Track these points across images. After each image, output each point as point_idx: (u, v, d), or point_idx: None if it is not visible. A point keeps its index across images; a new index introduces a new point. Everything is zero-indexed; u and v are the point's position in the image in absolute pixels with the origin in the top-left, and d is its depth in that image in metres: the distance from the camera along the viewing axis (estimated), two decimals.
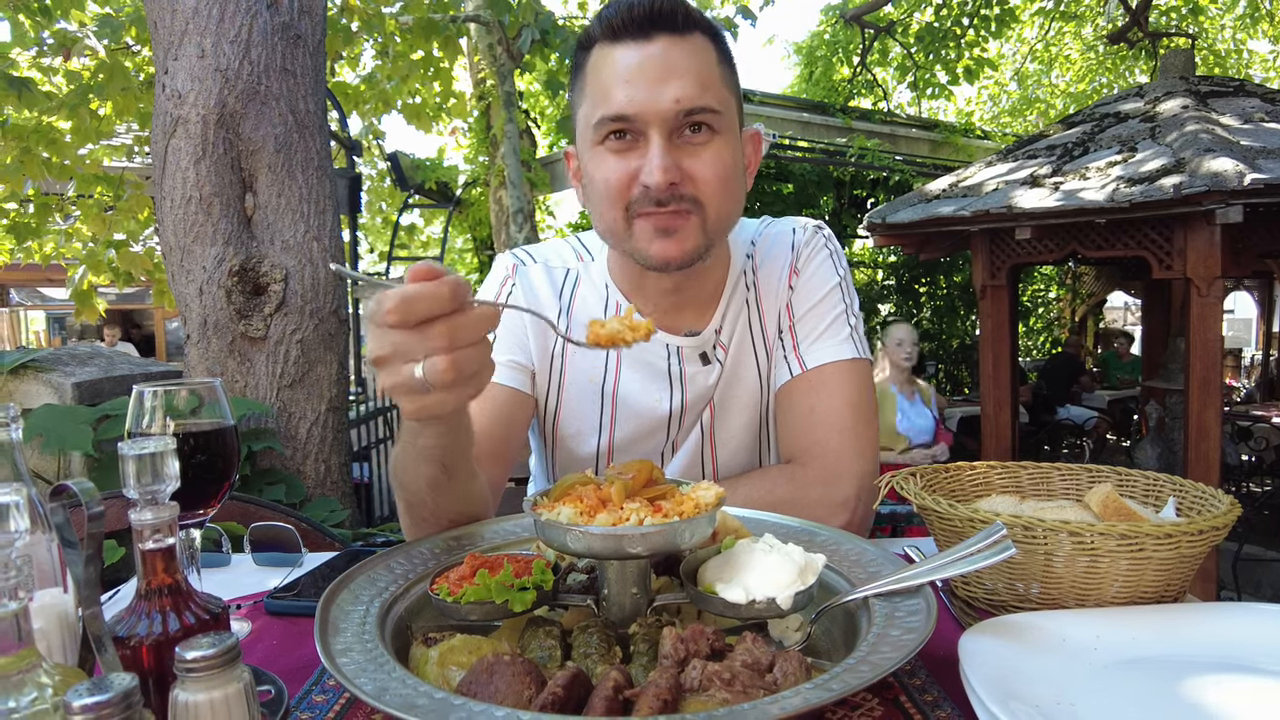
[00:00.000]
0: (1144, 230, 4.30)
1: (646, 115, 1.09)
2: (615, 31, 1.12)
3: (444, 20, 6.73)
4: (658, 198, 1.11)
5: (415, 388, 0.77)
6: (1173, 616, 0.85)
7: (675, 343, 1.30)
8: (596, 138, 1.14)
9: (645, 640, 0.77)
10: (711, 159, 1.13)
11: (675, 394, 1.31)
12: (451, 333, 0.75)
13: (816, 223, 1.39)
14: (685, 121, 1.11)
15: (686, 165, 1.12)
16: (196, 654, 0.54)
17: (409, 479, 1.01)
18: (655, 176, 1.09)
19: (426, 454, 0.94)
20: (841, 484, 1.22)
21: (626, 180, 1.12)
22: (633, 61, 1.10)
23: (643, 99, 1.09)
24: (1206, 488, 0.99)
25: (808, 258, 1.34)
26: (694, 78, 1.10)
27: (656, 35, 1.11)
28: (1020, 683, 0.71)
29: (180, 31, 2.74)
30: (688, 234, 1.14)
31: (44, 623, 0.68)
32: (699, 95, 1.10)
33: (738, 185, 1.19)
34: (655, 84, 1.09)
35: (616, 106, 1.10)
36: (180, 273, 2.84)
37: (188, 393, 0.95)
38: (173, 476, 0.67)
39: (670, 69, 1.10)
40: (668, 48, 1.11)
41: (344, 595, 0.84)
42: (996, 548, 0.81)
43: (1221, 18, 13.97)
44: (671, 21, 1.11)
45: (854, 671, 0.65)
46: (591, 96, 1.15)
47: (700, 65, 1.12)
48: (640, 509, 0.79)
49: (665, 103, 1.09)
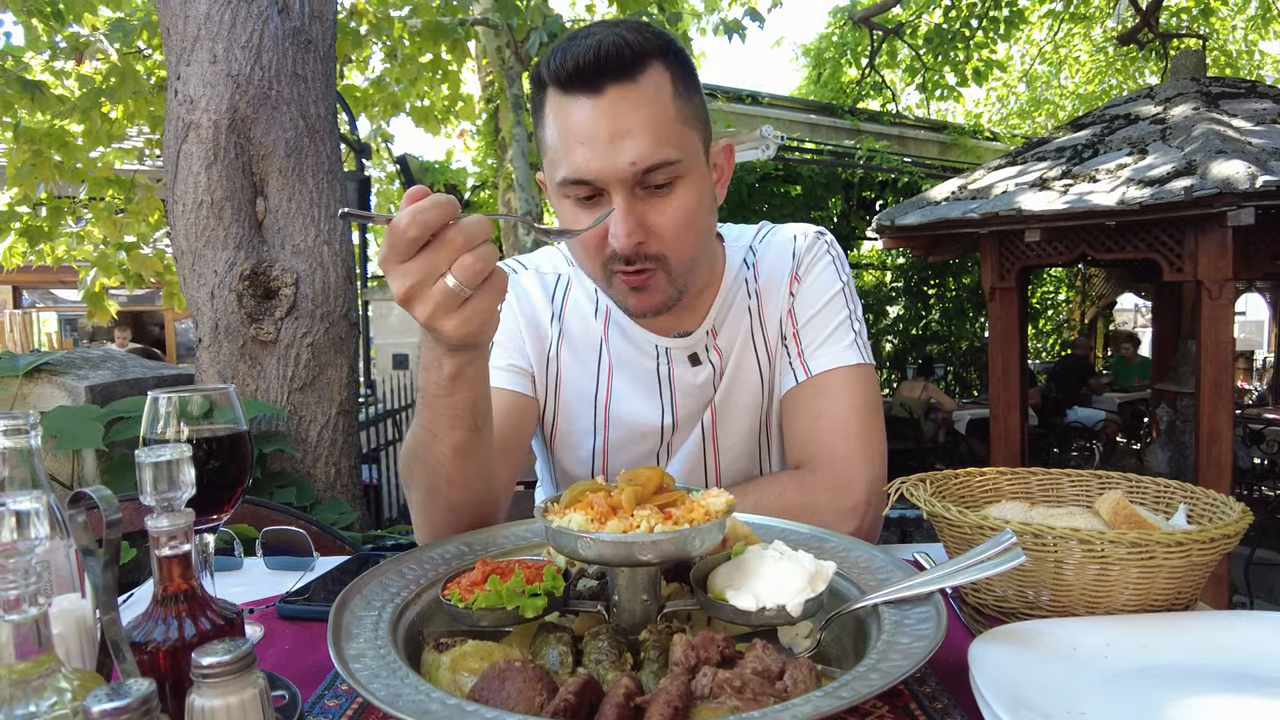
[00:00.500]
0: (1154, 233, 4.29)
1: (605, 178, 1.08)
2: (563, 82, 1.09)
3: (452, 23, 6.76)
4: (625, 256, 1.12)
5: (452, 300, 0.83)
6: (1184, 625, 0.85)
7: (665, 344, 1.32)
8: (561, 192, 1.14)
9: (656, 647, 0.77)
10: (675, 210, 1.12)
11: (666, 399, 1.33)
12: (465, 231, 0.82)
13: (818, 229, 1.39)
14: (645, 179, 1.09)
15: (651, 220, 1.12)
16: (212, 660, 0.55)
17: (434, 454, 1.04)
18: (620, 240, 1.10)
19: (459, 410, 0.98)
20: (851, 490, 1.22)
21: (599, 240, 1.13)
22: (585, 120, 1.07)
23: (599, 164, 1.07)
24: (1218, 495, 0.99)
25: (809, 264, 1.34)
26: (649, 132, 1.07)
27: (606, 86, 1.07)
28: (1030, 690, 0.71)
29: (192, 37, 2.77)
30: (655, 289, 1.17)
31: (62, 628, 0.69)
32: (655, 151, 1.07)
33: (705, 219, 1.19)
34: (610, 144, 1.06)
35: (576, 171, 1.09)
36: (192, 277, 2.86)
37: (202, 398, 0.96)
38: (188, 484, 0.68)
39: (624, 125, 1.06)
40: (619, 100, 1.07)
41: (356, 600, 0.85)
42: (1006, 555, 0.81)
43: (1232, 18, 13.89)
44: (619, 67, 1.06)
45: (864, 679, 0.65)
46: (552, 145, 1.13)
47: (654, 114, 1.08)
48: (651, 516, 0.79)
49: (622, 165, 1.07)
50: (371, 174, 9.77)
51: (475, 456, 1.05)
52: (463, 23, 6.95)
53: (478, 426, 1.02)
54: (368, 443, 5.13)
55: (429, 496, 1.12)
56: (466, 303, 0.84)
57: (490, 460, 1.10)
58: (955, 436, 8.55)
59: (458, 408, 0.99)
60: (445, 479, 1.07)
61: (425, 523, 1.16)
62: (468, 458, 1.05)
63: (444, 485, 1.08)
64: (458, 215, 0.83)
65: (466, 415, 1.00)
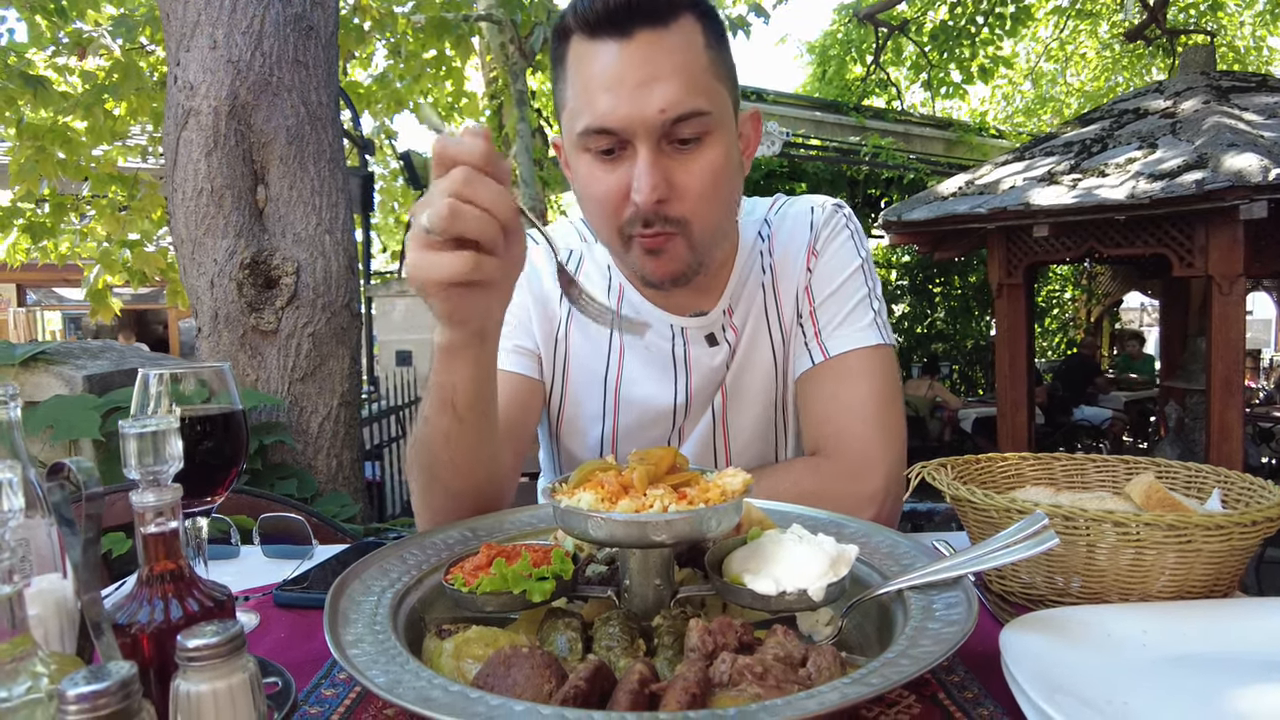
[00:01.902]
0: (1164, 227, 4.24)
1: (632, 126, 1.02)
2: (591, 26, 1.03)
3: (456, 19, 6.73)
4: (645, 217, 1.06)
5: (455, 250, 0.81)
6: (1224, 612, 0.80)
7: (680, 323, 1.26)
8: (581, 144, 1.07)
9: (670, 633, 0.73)
10: (701, 169, 1.06)
11: (680, 381, 1.27)
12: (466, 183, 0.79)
13: (836, 201, 1.33)
14: (673, 130, 1.03)
15: (676, 178, 1.05)
16: (199, 642, 0.51)
17: (427, 436, 1.01)
18: (644, 194, 1.03)
19: (444, 393, 0.95)
20: (870, 477, 1.17)
21: (618, 199, 1.07)
22: (612, 64, 1.02)
23: (626, 110, 1.01)
24: (1254, 478, 0.95)
25: (828, 238, 1.28)
26: (680, 79, 1.01)
27: (636, 30, 1.01)
28: (1067, 678, 0.67)
29: (192, 23, 2.73)
30: (674, 255, 1.10)
31: (41, 609, 0.66)
32: (686, 98, 1.02)
33: (731, 184, 1.13)
34: (638, 90, 1.00)
35: (599, 118, 1.03)
36: (192, 265, 2.83)
37: (194, 377, 0.93)
38: (175, 457, 0.64)
39: (654, 71, 1.00)
40: (650, 45, 1.01)
41: (355, 586, 0.81)
42: (1037, 539, 0.77)
43: (1241, 14, 13.81)
44: (652, 10, 1.01)
45: (894, 666, 0.61)
46: (573, 97, 1.07)
47: (687, 61, 1.03)
48: (664, 495, 0.75)
49: (650, 112, 1.01)
50: (375, 171, 9.75)
51: (464, 444, 1.01)
52: (466, 19, 6.92)
53: (461, 416, 0.97)
54: (370, 439, 5.09)
55: (428, 482, 1.08)
56: (480, 264, 0.81)
57: (488, 451, 1.05)
58: (961, 435, 8.51)
59: (444, 390, 0.96)
60: (440, 464, 1.04)
61: (425, 509, 1.12)
62: (456, 444, 1.00)
63: (440, 471, 1.05)
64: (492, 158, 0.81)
65: (450, 401, 0.96)
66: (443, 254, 0.82)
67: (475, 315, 0.89)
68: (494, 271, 0.84)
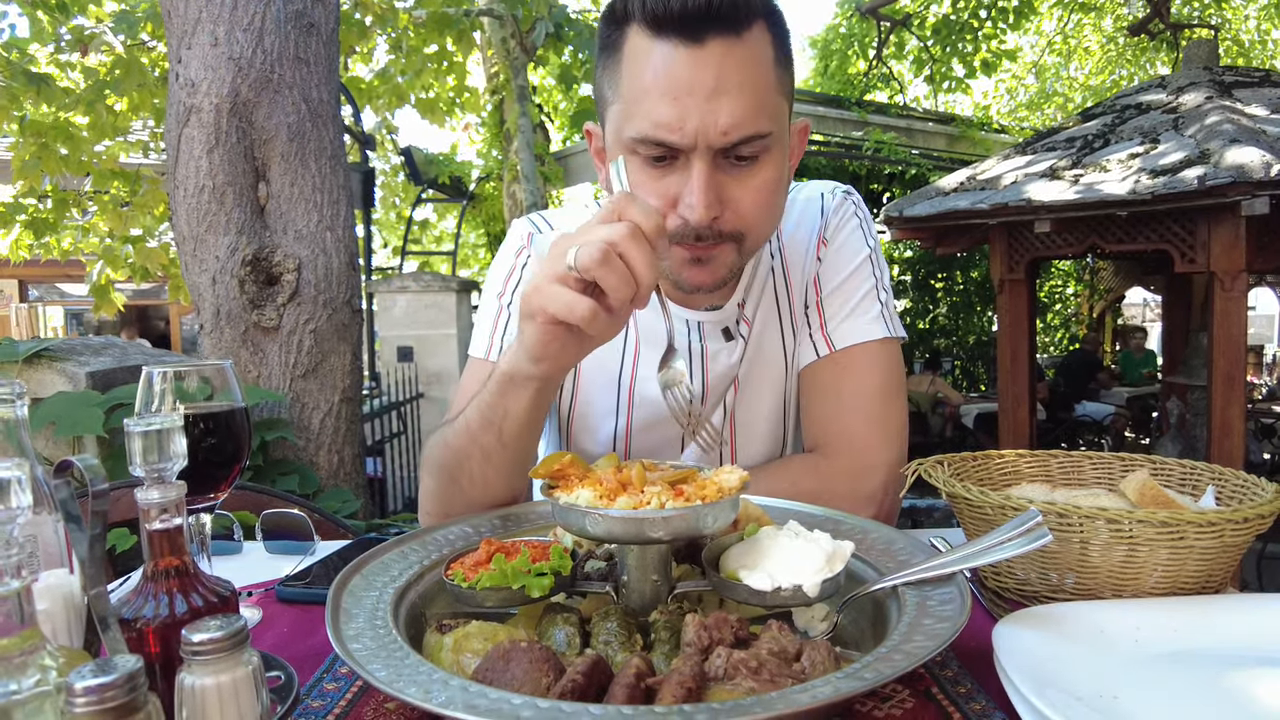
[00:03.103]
0: (1166, 223, 4.23)
1: (692, 141, 0.96)
2: (659, 22, 0.95)
3: (457, 14, 6.73)
4: (697, 232, 1.02)
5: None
6: (1216, 608, 0.81)
7: (696, 318, 1.24)
8: (630, 146, 1.01)
9: (667, 628, 0.74)
10: (757, 187, 1.02)
11: (696, 376, 1.26)
12: (629, 241, 0.80)
13: (845, 187, 1.32)
14: (734, 150, 0.99)
15: (730, 194, 1.01)
16: (203, 636, 0.53)
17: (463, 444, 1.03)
18: (698, 213, 0.98)
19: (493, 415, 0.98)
20: (869, 476, 1.17)
21: (666, 208, 1.02)
22: (679, 71, 0.94)
23: (691, 125, 0.95)
24: (1247, 475, 0.95)
25: (837, 226, 1.27)
26: (749, 97, 0.95)
27: (710, 37, 0.94)
28: (1059, 673, 0.68)
29: (194, 20, 2.74)
30: (721, 262, 1.07)
31: (49, 604, 0.67)
32: (751, 120, 0.96)
33: (781, 198, 1.10)
34: (704, 104, 0.94)
35: (657, 129, 0.96)
36: (194, 262, 2.84)
37: (198, 374, 0.94)
38: (180, 454, 0.65)
39: (723, 85, 0.94)
40: (723, 56, 0.94)
41: (356, 581, 0.82)
42: (1031, 535, 0.77)
43: (1245, 8, 13.76)
44: (731, 17, 0.93)
45: (887, 660, 0.62)
46: (627, 94, 1.00)
47: (757, 77, 0.97)
48: (662, 492, 0.76)
49: (714, 132, 0.95)
50: (376, 166, 9.75)
51: (499, 466, 1.03)
52: (468, 14, 6.91)
53: (505, 443, 1.00)
54: (372, 435, 5.11)
55: (447, 485, 1.10)
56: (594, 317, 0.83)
57: (519, 473, 1.07)
58: (963, 431, 8.50)
59: (495, 412, 0.98)
60: (468, 476, 1.06)
61: (434, 510, 1.13)
62: (491, 464, 1.04)
63: (465, 481, 1.07)
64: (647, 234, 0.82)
65: (498, 425, 0.99)
66: (569, 291, 0.83)
67: (558, 357, 0.91)
68: (603, 329, 0.86)
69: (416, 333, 7.04)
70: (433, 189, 10.24)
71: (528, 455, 1.06)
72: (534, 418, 0.99)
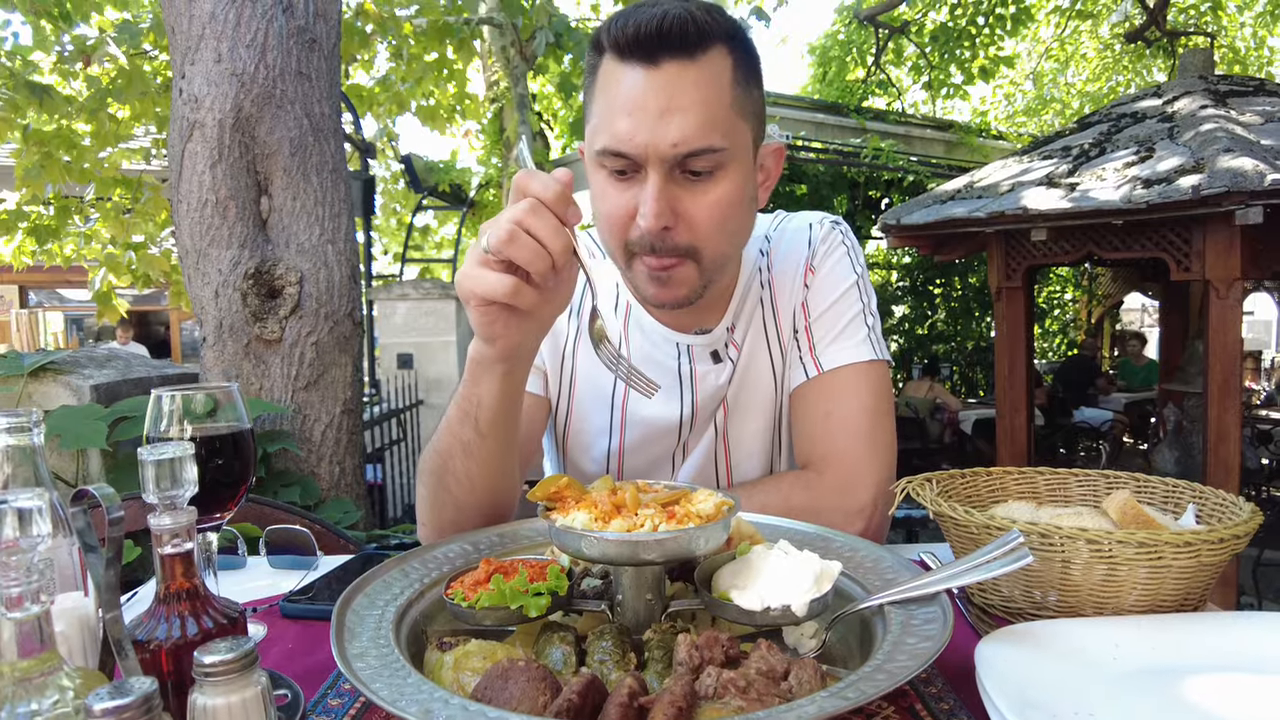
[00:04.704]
0: (1162, 231, 4.26)
1: (644, 154, 1.04)
2: (621, 49, 1.04)
3: (458, 23, 6.76)
4: (651, 243, 1.08)
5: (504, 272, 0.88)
6: (1193, 625, 0.84)
7: (686, 341, 1.29)
8: (597, 161, 1.10)
9: (660, 647, 0.77)
10: (711, 202, 1.08)
11: (686, 397, 1.30)
12: (530, 214, 0.85)
13: (834, 218, 1.36)
14: (685, 162, 1.05)
15: (684, 207, 1.07)
16: (215, 659, 0.55)
17: (445, 443, 1.06)
18: (648, 221, 1.05)
19: (469, 406, 1.01)
20: (858, 491, 1.21)
21: (625, 218, 1.09)
22: (635, 91, 1.03)
23: (642, 138, 1.03)
24: (1227, 495, 0.98)
25: (824, 255, 1.31)
26: (698, 114, 1.03)
27: (664, 60, 1.02)
28: (1038, 691, 0.71)
29: (197, 36, 2.77)
30: (681, 281, 1.13)
31: (65, 626, 0.69)
32: (701, 135, 1.03)
33: (743, 218, 1.15)
34: (656, 120, 1.02)
35: (615, 141, 1.05)
36: (196, 275, 2.87)
37: (205, 396, 0.96)
38: (191, 481, 0.68)
39: (673, 104, 1.02)
40: (675, 77, 1.02)
41: (359, 599, 0.84)
42: (1013, 555, 0.80)
43: (1241, 14, 13.81)
44: (681, 42, 1.02)
45: (870, 680, 0.65)
46: (597, 114, 1.09)
47: (708, 96, 1.04)
48: (655, 515, 0.79)
49: (664, 145, 1.03)
50: (377, 173, 9.79)
51: (480, 459, 1.05)
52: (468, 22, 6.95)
53: (483, 432, 1.02)
54: (372, 442, 5.13)
55: (436, 490, 1.12)
56: (520, 290, 0.88)
57: (502, 469, 1.09)
58: (961, 436, 8.52)
59: (469, 402, 1.01)
60: (453, 474, 1.08)
61: (431, 519, 1.16)
62: (473, 458, 1.05)
63: (450, 481, 1.09)
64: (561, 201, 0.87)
65: (474, 415, 1.01)
66: (491, 273, 0.88)
67: (506, 336, 0.94)
68: (532, 301, 0.90)
69: (416, 340, 7.07)
70: (433, 196, 10.29)
71: (508, 450, 1.08)
72: (506, 406, 1.02)
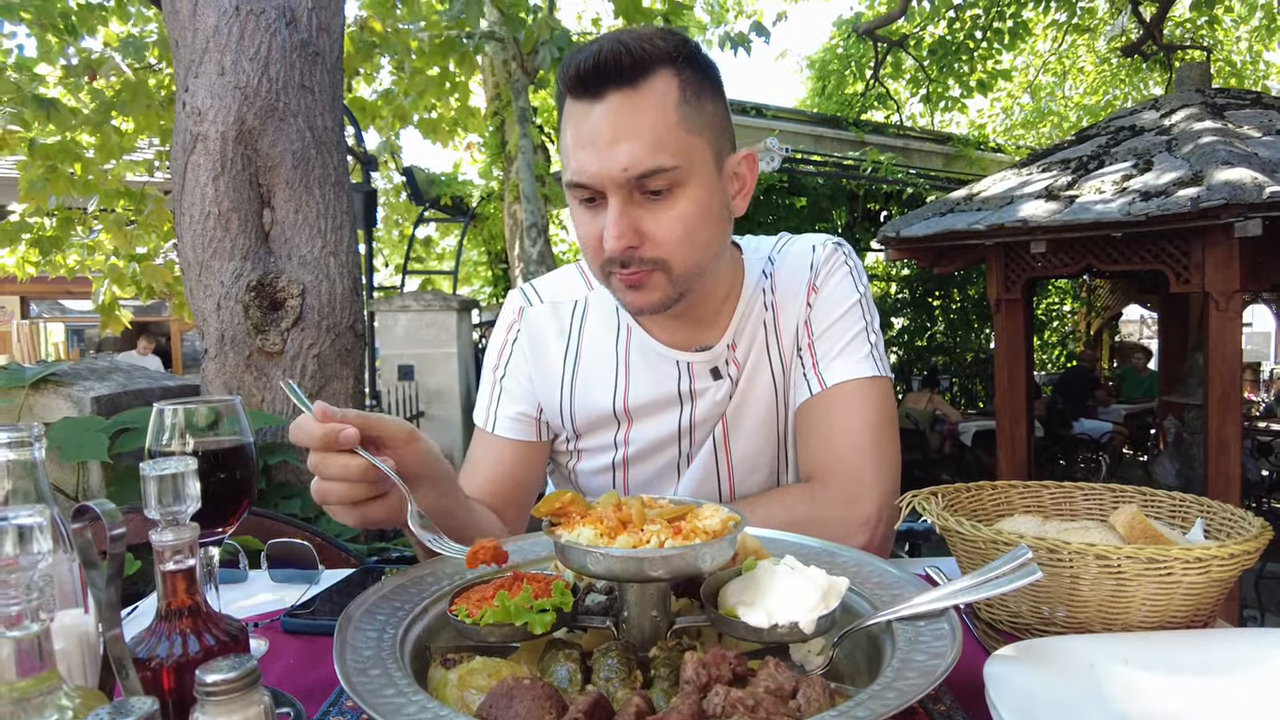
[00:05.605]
0: (1161, 244, 4.27)
1: (601, 182, 1.09)
2: (572, 88, 1.11)
3: (461, 37, 6.80)
4: (620, 260, 1.13)
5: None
6: (1203, 641, 0.83)
7: (686, 359, 1.30)
8: (569, 192, 1.16)
9: (666, 664, 0.76)
10: (672, 219, 1.11)
11: (685, 410, 1.31)
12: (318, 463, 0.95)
13: (836, 239, 1.38)
14: (641, 183, 1.09)
15: (647, 226, 1.11)
16: (217, 677, 0.54)
17: None
18: (610, 244, 1.10)
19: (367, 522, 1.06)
20: (862, 503, 1.20)
21: (597, 241, 1.14)
22: (586, 125, 1.09)
23: (595, 168, 1.09)
24: (1236, 509, 0.97)
25: (827, 275, 1.32)
26: (645, 138, 1.07)
27: (607, 92, 1.08)
28: (1048, 708, 0.70)
29: (201, 50, 2.78)
30: (653, 287, 1.16)
31: (65, 643, 0.68)
32: (650, 157, 1.07)
33: (712, 229, 1.17)
34: (606, 149, 1.08)
35: (577, 174, 1.11)
36: (198, 287, 2.87)
37: (208, 409, 0.96)
38: (193, 497, 0.67)
39: (618, 132, 1.07)
40: (618, 106, 1.08)
41: (362, 615, 0.84)
42: (1021, 571, 0.79)
43: (1237, 29, 13.90)
44: (619, 74, 1.07)
45: (880, 698, 0.64)
46: (563, 149, 1.16)
47: (654, 120, 1.08)
48: (661, 531, 0.78)
49: (615, 171, 1.08)
50: (379, 186, 9.82)
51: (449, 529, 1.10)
52: (470, 36, 6.99)
53: None
54: None
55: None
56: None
57: (480, 528, 1.18)
58: (961, 448, 8.50)
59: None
60: None
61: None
62: None
63: None
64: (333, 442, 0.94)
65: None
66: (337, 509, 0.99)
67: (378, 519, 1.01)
68: (378, 511, 0.99)
69: (417, 351, 7.07)
70: (434, 208, 10.32)
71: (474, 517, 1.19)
72: (443, 512, 1.10)
